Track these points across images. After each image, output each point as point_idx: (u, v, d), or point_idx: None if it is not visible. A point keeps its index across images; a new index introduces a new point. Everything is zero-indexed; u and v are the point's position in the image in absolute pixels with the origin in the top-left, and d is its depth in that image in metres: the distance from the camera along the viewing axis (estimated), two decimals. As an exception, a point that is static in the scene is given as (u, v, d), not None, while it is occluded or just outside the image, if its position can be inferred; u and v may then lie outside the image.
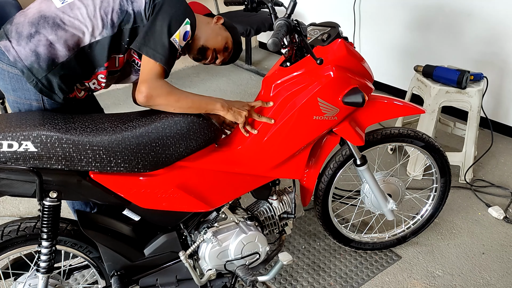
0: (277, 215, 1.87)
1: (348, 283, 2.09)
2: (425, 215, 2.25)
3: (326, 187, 1.99)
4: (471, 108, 2.68)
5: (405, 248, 2.29)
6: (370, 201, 2.08)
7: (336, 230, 2.13)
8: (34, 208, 2.57)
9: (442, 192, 2.18)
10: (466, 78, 2.58)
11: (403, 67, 3.69)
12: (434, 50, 3.46)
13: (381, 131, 1.97)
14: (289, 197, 1.90)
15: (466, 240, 2.35)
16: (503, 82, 3.17)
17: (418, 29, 3.51)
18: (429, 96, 2.69)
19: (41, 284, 1.49)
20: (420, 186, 2.67)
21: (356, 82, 1.67)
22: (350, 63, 1.66)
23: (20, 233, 1.48)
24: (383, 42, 3.79)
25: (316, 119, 1.64)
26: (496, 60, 3.16)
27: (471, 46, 3.26)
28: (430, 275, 2.14)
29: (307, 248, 2.29)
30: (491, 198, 2.65)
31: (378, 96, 1.86)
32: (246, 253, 1.75)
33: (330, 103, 1.63)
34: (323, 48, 1.65)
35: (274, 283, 2.08)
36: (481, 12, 3.13)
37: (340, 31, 1.69)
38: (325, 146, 1.83)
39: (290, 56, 1.66)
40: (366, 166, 1.94)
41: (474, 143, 2.76)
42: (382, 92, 3.90)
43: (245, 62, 4.48)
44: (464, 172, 2.77)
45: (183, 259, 1.66)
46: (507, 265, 2.20)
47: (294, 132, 1.64)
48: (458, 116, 3.39)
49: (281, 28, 1.44)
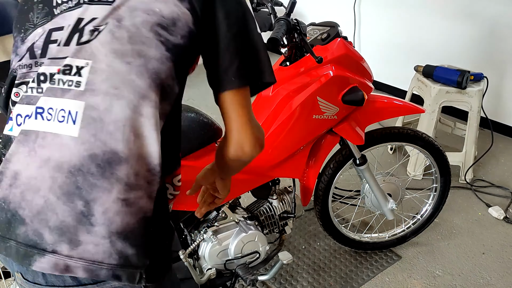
0: (277, 214, 1.87)
1: (348, 283, 2.09)
2: (425, 215, 2.25)
3: (326, 186, 1.99)
4: (471, 108, 2.67)
5: (405, 248, 2.29)
6: (370, 201, 2.08)
7: (336, 230, 2.13)
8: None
9: (442, 192, 2.18)
10: (466, 78, 2.58)
11: (403, 67, 3.68)
12: (434, 50, 3.46)
13: (381, 131, 1.97)
14: (289, 197, 1.90)
15: (466, 240, 2.35)
16: (504, 82, 3.17)
17: (418, 29, 3.51)
18: (429, 96, 2.69)
19: (41, 283, 1.48)
20: (420, 186, 2.67)
21: (355, 81, 1.67)
22: (349, 62, 1.66)
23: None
24: (383, 42, 3.79)
25: (315, 118, 1.64)
26: (496, 60, 3.15)
27: (471, 46, 3.26)
28: (430, 275, 2.14)
29: (307, 248, 2.29)
30: (491, 198, 2.65)
31: (377, 95, 1.86)
32: (246, 252, 1.75)
33: (329, 102, 1.63)
34: (323, 47, 1.65)
35: (274, 283, 2.08)
36: (482, 12, 3.13)
37: (340, 31, 1.70)
38: (325, 145, 1.83)
39: (290, 56, 1.67)
40: (366, 165, 1.94)
41: (474, 143, 2.76)
42: (382, 92, 3.90)
43: (245, 62, 4.48)
44: (464, 172, 2.77)
45: (183, 258, 1.66)
46: (507, 265, 2.19)
47: (293, 131, 1.64)
48: (458, 116, 3.39)
49: (281, 27, 1.45)
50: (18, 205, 0.84)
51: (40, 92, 0.88)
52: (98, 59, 0.85)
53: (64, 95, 0.85)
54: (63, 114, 0.85)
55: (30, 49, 0.92)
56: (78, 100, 0.85)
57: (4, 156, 0.89)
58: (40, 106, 0.86)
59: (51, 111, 0.86)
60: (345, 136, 1.77)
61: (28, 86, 0.90)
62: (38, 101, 0.87)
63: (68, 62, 0.86)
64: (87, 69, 0.85)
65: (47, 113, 0.86)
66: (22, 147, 0.86)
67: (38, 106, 0.87)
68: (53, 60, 0.89)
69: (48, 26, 0.92)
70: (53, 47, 0.90)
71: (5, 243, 0.85)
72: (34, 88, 0.89)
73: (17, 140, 0.87)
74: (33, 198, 0.83)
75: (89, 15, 0.89)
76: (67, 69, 0.86)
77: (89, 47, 0.86)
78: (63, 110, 0.85)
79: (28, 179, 0.84)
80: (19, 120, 0.89)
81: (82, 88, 0.85)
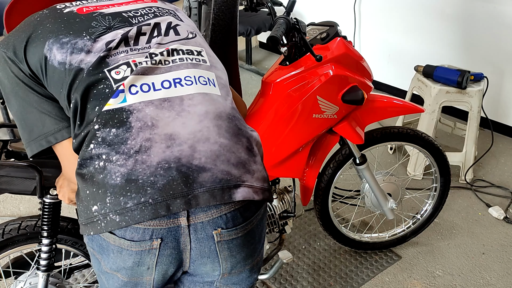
0: (277, 214, 1.87)
1: (348, 283, 2.09)
2: (425, 215, 2.25)
3: (326, 186, 1.99)
4: (471, 108, 2.68)
5: (405, 248, 2.29)
6: (370, 201, 2.08)
7: (336, 229, 2.13)
8: (34, 208, 2.57)
9: (442, 192, 2.18)
10: (467, 78, 2.58)
11: (403, 67, 3.68)
12: (434, 50, 3.46)
13: (381, 130, 1.97)
14: (289, 196, 1.90)
15: (466, 240, 2.35)
16: (504, 82, 3.17)
17: (419, 29, 3.51)
18: (430, 96, 2.69)
19: (41, 282, 1.49)
20: (420, 186, 2.67)
21: (355, 81, 1.67)
22: (349, 61, 1.66)
23: (21, 232, 1.48)
24: (383, 42, 3.79)
25: (315, 117, 1.64)
26: (496, 60, 3.16)
27: (471, 46, 3.26)
28: (430, 275, 2.14)
29: (307, 248, 2.29)
30: (491, 198, 2.65)
31: (377, 95, 1.87)
32: (246, 252, 1.75)
33: (329, 101, 1.63)
34: (322, 46, 1.65)
35: (274, 283, 2.08)
36: (482, 12, 3.13)
37: (339, 30, 1.70)
38: (325, 145, 1.83)
39: (289, 55, 1.67)
40: (366, 165, 1.94)
41: (474, 143, 2.76)
42: (382, 92, 3.90)
43: (245, 62, 4.48)
44: (464, 172, 2.77)
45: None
46: (507, 265, 2.19)
47: (293, 130, 1.64)
48: (458, 116, 3.39)
49: (280, 25, 1.45)
50: (191, 158, 0.96)
51: (168, 64, 1.07)
52: (205, 47, 1.16)
53: (197, 67, 1.09)
54: (204, 79, 1.08)
55: (123, 38, 1.08)
56: (210, 71, 1.11)
57: (125, 127, 0.97)
58: (177, 77, 1.05)
59: (189, 78, 1.06)
60: (345, 135, 1.77)
61: (138, 64, 1.04)
62: (169, 73, 1.05)
63: (181, 48, 1.11)
64: (205, 53, 1.14)
65: (186, 81, 1.05)
66: (167, 112, 0.99)
67: (175, 78, 1.05)
68: (159, 45, 1.09)
69: (130, 28, 1.10)
70: (146, 38, 1.10)
71: (190, 196, 0.95)
72: (158, 61, 1.06)
73: (153, 107, 0.99)
74: (206, 146, 0.98)
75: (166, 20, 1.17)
76: (189, 51, 1.12)
77: (195, 41, 1.15)
78: (202, 77, 1.08)
79: (191, 134, 0.98)
80: (133, 90, 1.01)
81: (209, 64, 1.12)
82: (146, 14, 1.15)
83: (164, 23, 1.15)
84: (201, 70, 1.09)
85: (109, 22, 1.10)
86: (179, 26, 1.16)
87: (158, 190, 0.93)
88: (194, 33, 1.18)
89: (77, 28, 1.08)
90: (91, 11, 1.13)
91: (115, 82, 1.02)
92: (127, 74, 1.03)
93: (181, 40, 1.13)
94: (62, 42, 1.06)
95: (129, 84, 1.01)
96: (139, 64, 1.04)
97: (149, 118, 0.98)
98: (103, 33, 1.07)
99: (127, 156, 0.95)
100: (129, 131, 0.97)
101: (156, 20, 1.15)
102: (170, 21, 1.16)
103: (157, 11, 1.18)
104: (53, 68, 1.05)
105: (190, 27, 1.20)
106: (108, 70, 1.03)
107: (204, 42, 1.19)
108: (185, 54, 1.10)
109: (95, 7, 1.15)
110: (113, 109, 0.99)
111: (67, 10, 1.12)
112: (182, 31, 1.15)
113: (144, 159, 0.94)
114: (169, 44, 1.11)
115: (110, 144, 0.97)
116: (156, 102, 1.00)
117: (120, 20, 1.12)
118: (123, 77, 1.02)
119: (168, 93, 1.02)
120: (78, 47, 1.05)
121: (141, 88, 1.02)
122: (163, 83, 1.03)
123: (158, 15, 1.17)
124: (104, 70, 1.03)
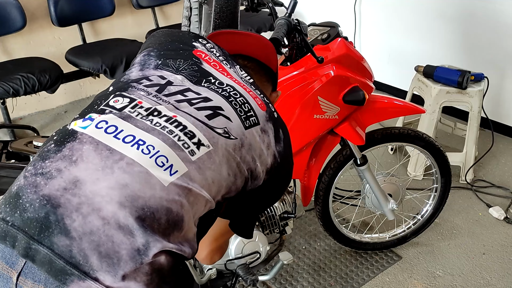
0: (277, 214, 1.86)
1: (349, 283, 2.09)
2: (425, 215, 2.25)
3: (327, 187, 1.99)
4: (471, 108, 2.67)
5: (406, 249, 2.29)
6: (370, 201, 2.08)
7: (337, 230, 2.13)
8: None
9: (443, 192, 2.18)
10: (467, 78, 2.58)
11: (404, 67, 3.68)
12: (434, 50, 3.46)
13: (382, 131, 1.97)
14: (289, 197, 1.89)
15: (466, 240, 2.35)
16: (504, 82, 3.17)
17: (419, 29, 3.51)
18: (430, 96, 2.69)
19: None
20: (421, 186, 2.67)
21: (356, 81, 1.67)
22: (350, 62, 1.66)
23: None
24: (384, 42, 3.79)
25: (316, 118, 1.64)
26: (496, 60, 3.15)
27: (471, 46, 3.26)
28: (430, 275, 2.14)
29: (308, 248, 2.29)
30: (492, 199, 2.64)
31: (378, 96, 1.86)
32: (246, 252, 1.74)
33: (330, 102, 1.63)
34: (323, 47, 1.65)
35: (275, 283, 2.08)
36: (482, 12, 3.13)
37: (340, 31, 1.70)
38: (326, 145, 1.83)
39: (291, 56, 1.66)
40: (366, 166, 1.94)
41: (475, 143, 2.76)
42: (382, 92, 3.90)
43: (245, 62, 4.48)
44: (465, 173, 2.76)
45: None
46: (508, 266, 2.19)
47: (294, 131, 1.64)
48: (458, 117, 3.39)
49: (282, 27, 1.45)
50: (69, 214, 0.80)
51: (152, 123, 0.90)
52: (214, 154, 0.94)
53: (174, 150, 0.88)
54: (163, 162, 0.86)
55: (164, 85, 0.98)
56: (185, 164, 0.88)
57: (59, 148, 0.87)
58: (143, 140, 0.87)
59: (151, 149, 0.87)
60: (346, 136, 1.77)
61: (137, 108, 0.92)
62: (141, 131, 0.88)
63: (185, 124, 0.93)
64: (206, 154, 0.93)
65: (146, 149, 0.87)
66: (97, 159, 0.85)
67: (141, 139, 0.88)
68: (170, 105, 0.95)
69: (190, 84, 1.00)
70: (171, 93, 0.98)
71: (33, 246, 0.80)
72: (146, 115, 0.91)
73: (93, 147, 0.86)
74: (90, 215, 0.80)
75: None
76: (190, 134, 0.92)
77: (213, 141, 0.94)
78: (165, 159, 0.87)
79: (92, 193, 0.82)
80: (101, 125, 0.89)
81: (193, 160, 0.90)
82: (219, 88, 1.02)
83: (207, 102, 0.98)
84: (174, 154, 0.88)
85: (185, 67, 1.04)
86: (216, 117, 0.96)
87: (21, 219, 0.81)
88: (216, 141, 0.94)
89: (165, 53, 1.07)
90: (206, 61, 1.07)
91: (105, 106, 0.95)
92: (120, 106, 0.93)
93: (197, 122, 0.93)
94: (150, 54, 1.08)
95: (104, 119, 0.90)
96: (134, 111, 0.92)
97: (79, 154, 0.85)
98: (168, 70, 1.03)
99: (35, 172, 0.86)
100: (56, 153, 0.87)
101: (209, 95, 0.99)
102: (216, 105, 0.98)
103: (229, 92, 1.02)
104: None
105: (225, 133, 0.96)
106: (116, 95, 0.96)
107: (222, 156, 0.94)
108: (178, 130, 0.91)
109: (216, 63, 1.08)
110: (71, 129, 0.91)
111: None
112: (215, 122, 0.95)
113: (39, 184, 0.83)
114: (178, 112, 0.94)
115: (40, 155, 0.89)
116: (101, 146, 0.86)
117: (194, 76, 1.03)
118: (112, 108, 0.93)
119: (120, 147, 0.86)
120: (143, 62, 1.05)
121: (107, 127, 0.89)
122: (127, 136, 0.88)
123: (219, 93, 1.00)
124: (116, 92, 0.98)
